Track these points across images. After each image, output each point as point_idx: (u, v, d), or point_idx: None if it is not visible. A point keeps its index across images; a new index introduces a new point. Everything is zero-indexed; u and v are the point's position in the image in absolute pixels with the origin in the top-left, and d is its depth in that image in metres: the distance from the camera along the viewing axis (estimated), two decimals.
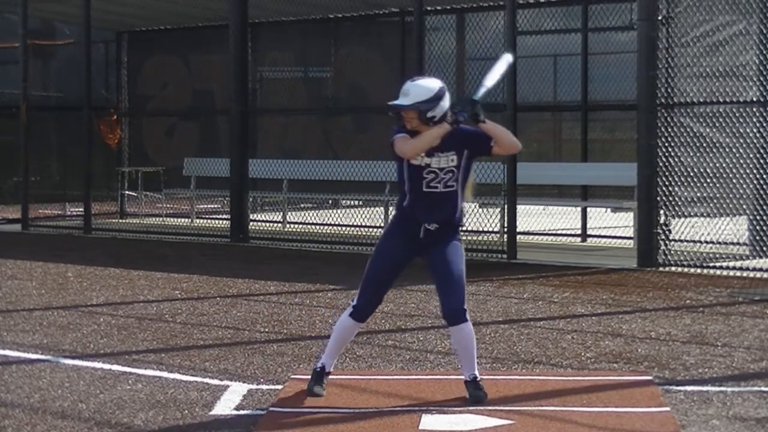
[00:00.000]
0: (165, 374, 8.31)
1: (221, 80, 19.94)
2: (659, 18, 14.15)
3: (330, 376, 7.65)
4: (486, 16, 18.96)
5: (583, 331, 10.09)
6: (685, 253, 14.30)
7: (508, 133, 7.49)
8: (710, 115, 13.99)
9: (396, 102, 7.36)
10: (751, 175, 13.83)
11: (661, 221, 14.14)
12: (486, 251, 15.59)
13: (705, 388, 7.81)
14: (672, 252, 14.19)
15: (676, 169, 14.08)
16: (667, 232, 14.16)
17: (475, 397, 7.36)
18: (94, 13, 19.45)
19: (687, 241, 14.38)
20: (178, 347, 9.40)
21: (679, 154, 14.07)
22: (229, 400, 7.51)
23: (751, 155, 13.84)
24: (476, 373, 7.43)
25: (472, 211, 17.14)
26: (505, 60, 7.67)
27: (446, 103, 7.34)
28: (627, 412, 7.16)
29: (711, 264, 14.04)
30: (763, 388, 7.81)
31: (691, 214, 14.13)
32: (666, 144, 14.11)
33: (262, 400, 7.55)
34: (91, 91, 19.69)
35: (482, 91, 7.42)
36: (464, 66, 20.41)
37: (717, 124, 13.95)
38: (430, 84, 7.37)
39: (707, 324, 10.36)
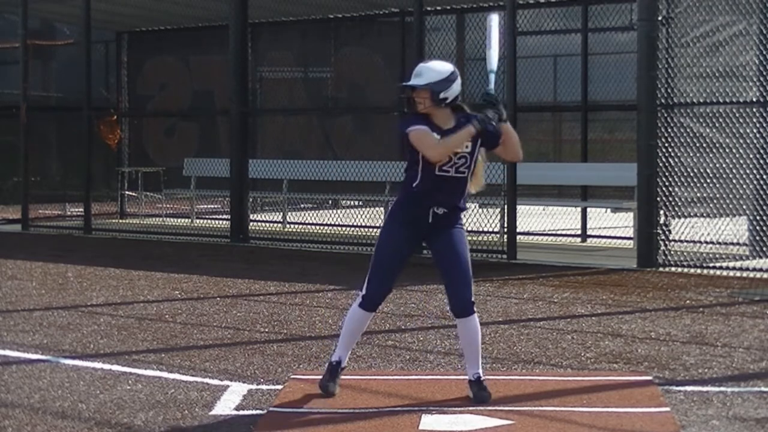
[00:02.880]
0: (165, 374, 8.31)
1: (221, 80, 19.94)
2: (659, 18, 14.15)
3: None
4: (486, 16, 18.95)
5: (583, 331, 10.08)
6: (685, 254, 14.30)
7: (518, 142, 7.48)
8: (710, 115, 13.99)
9: (409, 82, 7.33)
10: (751, 176, 13.83)
11: (661, 221, 14.14)
12: (486, 251, 15.59)
13: (705, 389, 7.81)
14: (672, 252, 14.19)
15: (676, 169, 14.08)
16: (666, 233, 14.16)
17: (479, 397, 7.32)
18: (94, 14, 19.45)
19: (687, 241, 14.38)
20: (178, 347, 9.40)
21: (679, 154, 14.07)
22: (229, 400, 7.50)
23: (751, 155, 13.84)
24: (480, 372, 7.39)
25: (472, 211, 17.13)
26: (494, 22, 7.64)
27: (458, 86, 7.32)
28: (627, 412, 7.16)
29: (711, 264, 14.03)
30: (763, 389, 7.81)
31: (691, 214, 14.13)
32: (666, 144, 14.11)
33: (262, 400, 7.54)
34: (91, 92, 19.69)
35: (492, 78, 7.48)
36: (464, 66, 20.40)
37: (717, 125, 13.95)
38: (443, 66, 7.38)
39: (707, 324, 10.36)
